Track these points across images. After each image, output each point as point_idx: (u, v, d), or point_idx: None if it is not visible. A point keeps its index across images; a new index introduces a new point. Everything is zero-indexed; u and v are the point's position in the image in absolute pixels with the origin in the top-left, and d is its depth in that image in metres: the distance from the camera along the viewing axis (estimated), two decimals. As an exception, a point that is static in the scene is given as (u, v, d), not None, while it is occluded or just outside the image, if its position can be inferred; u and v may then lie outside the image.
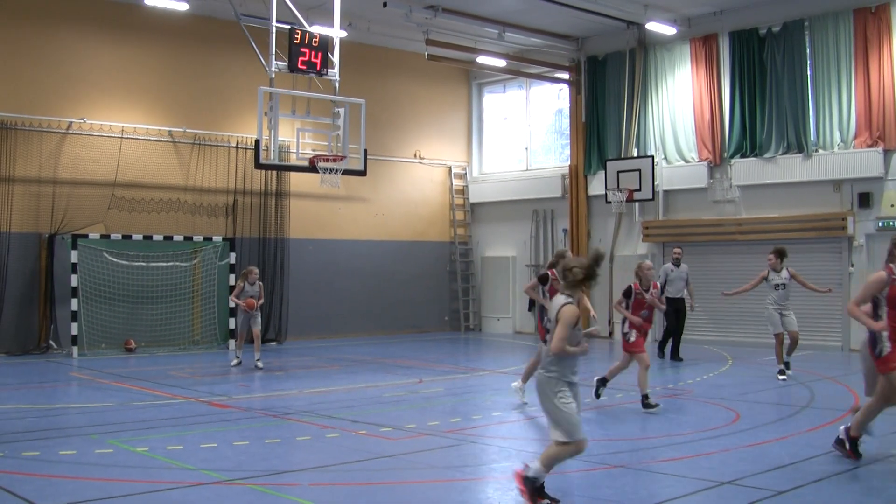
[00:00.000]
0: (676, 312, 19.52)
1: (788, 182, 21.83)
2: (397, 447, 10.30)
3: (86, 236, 21.07)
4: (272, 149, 18.65)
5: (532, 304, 14.41)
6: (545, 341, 9.27)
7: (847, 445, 9.34)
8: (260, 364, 17.84)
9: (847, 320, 20.78)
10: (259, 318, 18.47)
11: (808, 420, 12.01)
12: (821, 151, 21.39)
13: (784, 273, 16.08)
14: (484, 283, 28.73)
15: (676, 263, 19.67)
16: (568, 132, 26.86)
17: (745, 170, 22.57)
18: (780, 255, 16.21)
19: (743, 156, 22.65)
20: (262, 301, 18.41)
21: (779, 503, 7.77)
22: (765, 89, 22.34)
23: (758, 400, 13.84)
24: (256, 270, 18.58)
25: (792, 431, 11.13)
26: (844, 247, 21.05)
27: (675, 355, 19.62)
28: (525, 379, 13.14)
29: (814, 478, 8.57)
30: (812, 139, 21.53)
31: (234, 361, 18.53)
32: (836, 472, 8.79)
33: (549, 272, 13.16)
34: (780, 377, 15.86)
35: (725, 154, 23.04)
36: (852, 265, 20.92)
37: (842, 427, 9.55)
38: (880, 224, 20.41)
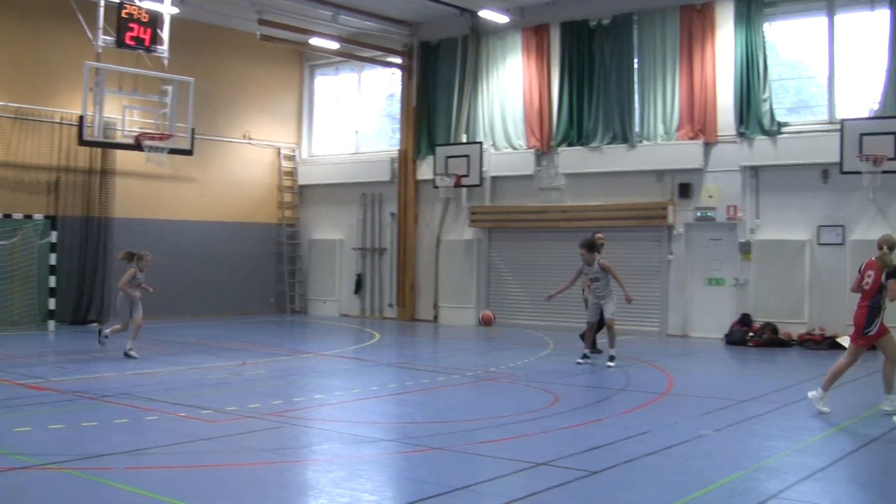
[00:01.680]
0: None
1: (613, 171, 22.28)
2: (217, 430, 9.96)
3: None
4: (97, 125, 17.92)
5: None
6: None
7: None
8: (133, 353, 16.42)
9: (665, 306, 21.41)
10: (140, 306, 17.08)
11: (623, 403, 12.21)
12: (645, 142, 21.91)
13: (595, 266, 16.14)
14: (311, 265, 28.36)
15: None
16: (399, 116, 26.73)
17: (571, 158, 22.91)
18: (590, 247, 16.14)
19: (570, 144, 22.99)
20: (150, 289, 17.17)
21: (591, 483, 7.81)
22: (593, 80, 22.71)
23: (576, 383, 14.03)
24: (150, 256, 17.16)
25: (608, 414, 11.30)
26: (664, 235, 21.64)
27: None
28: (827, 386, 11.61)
29: (626, 458, 8.66)
30: (637, 130, 22.03)
31: (105, 340, 17.12)
32: (648, 453, 8.90)
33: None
34: (581, 360, 16.09)
35: (553, 142, 23.34)
36: (671, 253, 21.52)
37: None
38: (698, 214, 21.08)
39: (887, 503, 7.48)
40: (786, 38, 21.17)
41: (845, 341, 18.57)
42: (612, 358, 15.84)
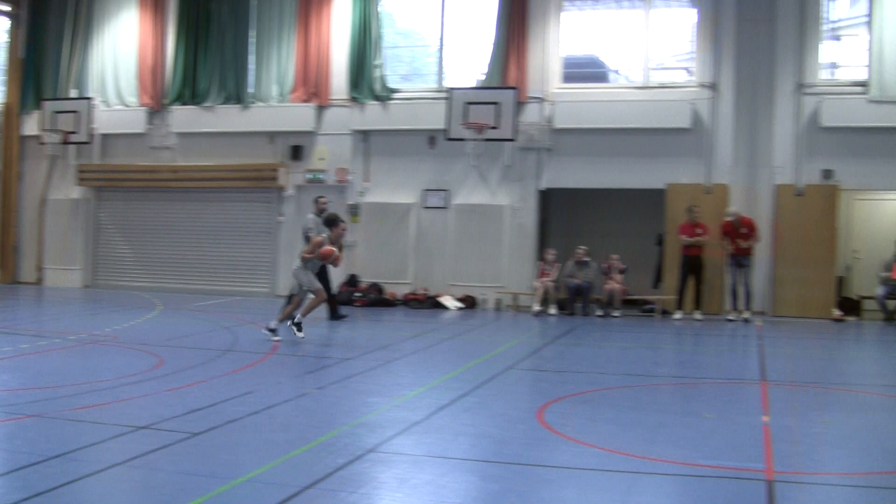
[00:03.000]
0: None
1: (226, 132, 21.97)
2: None
3: None
4: None
5: None
6: None
7: None
8: None
9: (275, 268, 21.51)
10: None
11: (228, 364, 12.06)
12: (259, 104, 21.78)
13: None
14: None
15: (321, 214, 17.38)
16: (4, 68, 24.75)
17: (184, 117, 22.33)
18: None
19: (183, 103, 22.38)
20: None
21: (192, 445, 7.66)
22: (209, 39, 22.20)
23: (182, 345, 13.70)
24: None
25: (212, 375, 11.11)
26: (275, 197, 21.71)
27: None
28: None
29: (229, 419, 8.58)
30: (251, 91, 21.86)
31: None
32: (251, 412, 8.86)
33: None
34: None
35: (165, 101, 22.63)
36: (282, 215, 21.63)
37: None
38: (309, 176, 21.33)
39: (476, 452, 7.91)
40: (402, 8, 21.83)
41: (447, 301, 19.63)
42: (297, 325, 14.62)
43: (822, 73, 19.57)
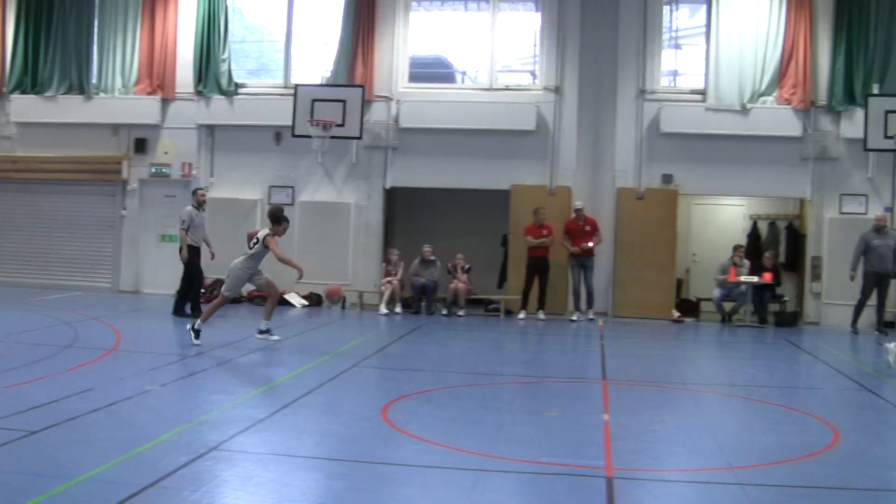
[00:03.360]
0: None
1: (69, 123, 21.22)
2: None
3: None
4: None
5: None
6: None
7: None
8: None
9: (118, 262, 21.03)
10: None
11: (69, 360, 11.66)
12: (102, 95, 21.22)
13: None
14: None
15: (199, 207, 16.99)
16: None
17: (24, 107, 21.50)
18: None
19: (23, 92, 21.62)
20: None
21: (30, 443, 7.34)
22: (51, 26, 21.45)
23: (21, 341, 13.12)
24: None
25: (52, 372, 10.76)
26: (119, 190, 21.17)
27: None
28: None
29: (69, 416, 8.30)
30: (94, 82, 21.29)
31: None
32: (91, 410, 8.58)
33: None
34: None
35: (5, 89, 21.83)
36: (125, 209, 21.13)
37: None
38: (154, 170, 20.90)
39: (320, 450, 7.80)
40: (250, 2, 21.61)
41: (293, 298, 19.49)
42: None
43: (663, 80, 20.12)
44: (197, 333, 13.10)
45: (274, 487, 6.58)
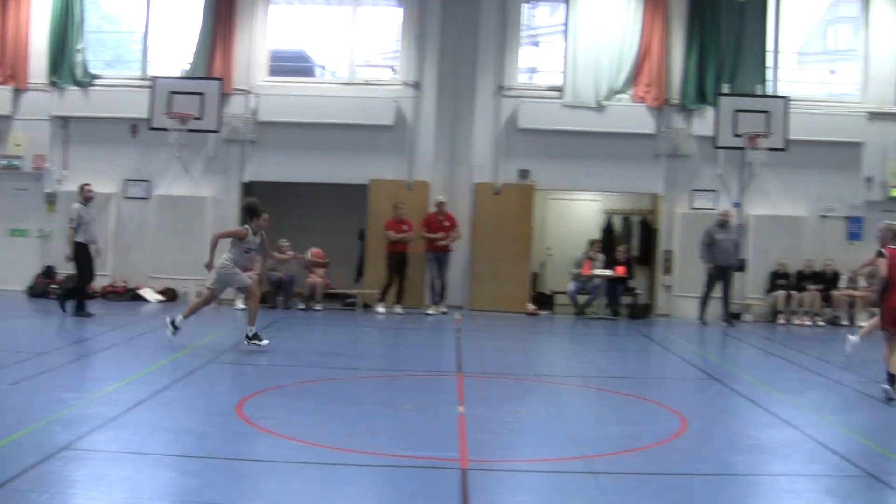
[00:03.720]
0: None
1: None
2: None
3: None
4: None
5: None
6: None
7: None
8: None
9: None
10: None
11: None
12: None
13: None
14: None
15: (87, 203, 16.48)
16: None
17: None
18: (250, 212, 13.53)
19: None
20: None
21: None
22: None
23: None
24: None
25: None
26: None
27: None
28: None
29: None
30: (-59, 70, 20.67)
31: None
32: None
33: None
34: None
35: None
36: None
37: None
38: (4, 163, 20.33)
39: (174, 447, 7.67)
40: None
41: (147, 293, 19.25)
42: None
43: (521, 76, 20.42)
44: (175, 329, 12.91)
45: (126, 486, 6.48)
